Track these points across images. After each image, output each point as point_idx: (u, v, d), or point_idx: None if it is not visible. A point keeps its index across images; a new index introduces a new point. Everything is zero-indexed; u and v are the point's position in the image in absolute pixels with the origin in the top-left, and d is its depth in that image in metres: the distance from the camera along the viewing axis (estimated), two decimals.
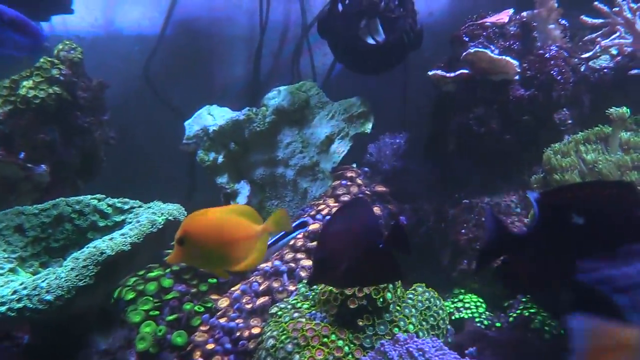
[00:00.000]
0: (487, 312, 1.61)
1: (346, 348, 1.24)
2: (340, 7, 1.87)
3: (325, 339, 1.25)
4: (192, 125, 2.20)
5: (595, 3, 1.62)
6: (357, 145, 1.99)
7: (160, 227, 1.39)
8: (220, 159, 2.16)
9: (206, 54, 2.65)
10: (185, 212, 1.52)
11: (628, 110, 1.38)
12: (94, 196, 1.75)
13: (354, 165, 1.94)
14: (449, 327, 1.40)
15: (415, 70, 2.17)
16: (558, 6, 1.69)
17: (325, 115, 2.05)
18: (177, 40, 2.58)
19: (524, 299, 1.60)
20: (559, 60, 1.61)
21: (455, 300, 1.66)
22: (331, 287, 1.31)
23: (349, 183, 1.80)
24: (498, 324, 1.57)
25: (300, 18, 2.55)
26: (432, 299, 1.38)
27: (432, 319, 1.35)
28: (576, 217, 0.93)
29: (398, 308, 1.33)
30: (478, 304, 1.63)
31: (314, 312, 1.34)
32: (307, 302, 1.41)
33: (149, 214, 1.49)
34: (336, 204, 1.74)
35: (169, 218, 1.41)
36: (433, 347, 1.20)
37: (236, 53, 2.68)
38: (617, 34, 1.65)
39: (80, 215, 1.73)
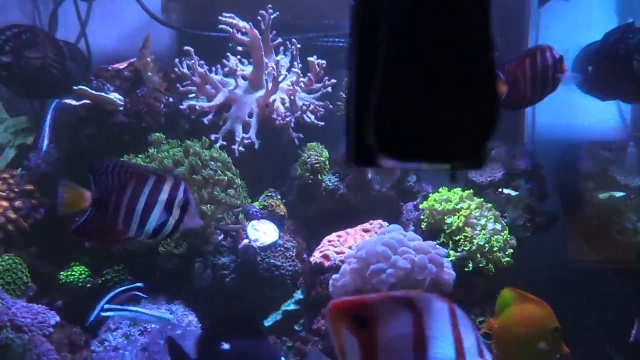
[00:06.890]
0: (88, 278, 2.23)
1: None
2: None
3: None
4: None
5: (176, 60, 2.32)
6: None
7: None
8: None
9: None
10: None
11: (162, 135, 2.07)
12: None
13: (19, 170, 2.46)
14: (30, 284, 1.99)
15: None
16: (155, 59, 2.38)
17: (3, 129, 2.56)
18: None
19: (117, 268, 2.25)
20: (149, 98, 2.29)
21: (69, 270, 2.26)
22: None
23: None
24: (89, 285, 2.19)
25: None
26: (14, 264, 1.96)
27: (9, 277, 1.92)
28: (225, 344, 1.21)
29: None
30: (83, 272, 2.25)
31: None
32: None
33: None
34: None
35: None
36: None
37: None
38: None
39: None
